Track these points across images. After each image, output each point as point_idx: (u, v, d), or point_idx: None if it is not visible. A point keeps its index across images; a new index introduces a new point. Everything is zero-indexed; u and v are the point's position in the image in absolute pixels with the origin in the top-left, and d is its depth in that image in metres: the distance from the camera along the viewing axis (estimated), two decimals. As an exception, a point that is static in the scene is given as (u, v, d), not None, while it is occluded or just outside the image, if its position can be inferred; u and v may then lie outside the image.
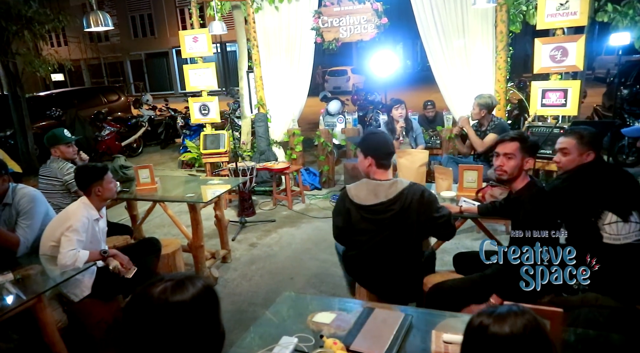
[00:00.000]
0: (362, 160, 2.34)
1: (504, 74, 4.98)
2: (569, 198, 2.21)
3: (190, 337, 0.95)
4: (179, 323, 0.94)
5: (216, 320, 1.01)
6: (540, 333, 0.99)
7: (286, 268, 3.95)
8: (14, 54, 7.89)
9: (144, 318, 0.95)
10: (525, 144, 2.15)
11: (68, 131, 3.56)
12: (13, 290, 2.15)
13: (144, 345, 0.95)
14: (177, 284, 0.97)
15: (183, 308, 0.95)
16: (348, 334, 1.60)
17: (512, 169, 2.14)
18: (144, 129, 9.72)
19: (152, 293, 0.95)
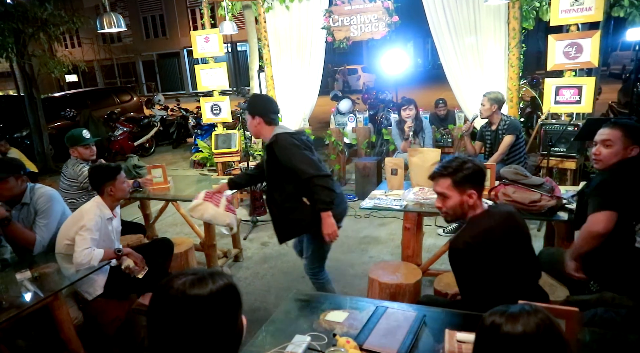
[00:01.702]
0: (251, 121, 2.62)
1: (517, 72, 4.92)
2: (625, 188, 2.07)
3: (205, 333, 0.96)
4: (193, 317, 0.95)
5: (234, 318, 1.01)
6: (554, 332, 0.98)
7: (298, 266, 3.95)
8: (30, 55, 8.03)
9: (161, 308, 0.98)
10: (457, 178, 1.83)
11: (87, 132, 3.61)
12: (31, 287, 2.20)
13: (161, 336, 0.97)
14: (198, 279, 0.98)
15: (199, 303, 0.96)
16: (361, 333, 1.60)
17: (452, 208, 1.87)
18: (156, 129, 9.81)
19: (172, 285, 0.97)
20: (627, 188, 2.06)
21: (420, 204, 2.96)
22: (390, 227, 4.65)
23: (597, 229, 2.02)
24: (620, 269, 2.08)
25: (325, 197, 2.44)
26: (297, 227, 2.66)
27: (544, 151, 4.45)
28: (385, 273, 2.71)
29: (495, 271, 1.71)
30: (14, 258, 2.70)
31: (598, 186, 2.13)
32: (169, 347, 0.96)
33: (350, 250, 4.22)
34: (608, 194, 2.06)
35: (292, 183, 2.54)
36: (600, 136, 2.21)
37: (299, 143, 2.52)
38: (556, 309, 1.29)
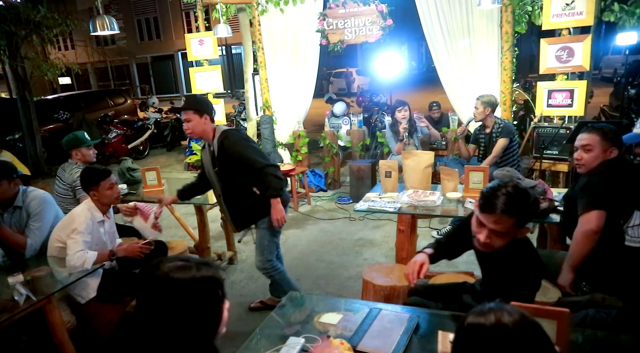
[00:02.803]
0: (199, 120, 2.74)
1: (510, 75, 4.96)
2: (611, 188, 2.11)
3: (182, 316, 1.02)
4: (172, 299, 1.02)
5: (212, 309, 1.07)
6: (531, 324, 0.98)
7: (292, 269, 3.95)
8: (23, 58, 7.99)
9: (146, 286, 1.06)
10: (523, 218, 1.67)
11: (87, 135, 3.62)
12: (23, 291, 2.18)
13: (143, 313, 1.05)
14: (185, 265, 1.05)
15: (179, 286, 1.02)
16: (355, 335, 1.61)
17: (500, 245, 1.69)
18: (150, 132, 9.78)
19: (160, 267, 1.05)
20: (612, 188, 2.10)
21: (414, 207, 2.97)
22: (384, 229, 4.66)
23: (590, 227, 2.06)
24: (611, 268, 2.11)
25: (276, 184, 2.70)
26: (252, 214, 2.87)
27: (536, 154, 4.48)
28: (379, 275, 2.71)
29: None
30: (6, 261, 2.68)
31: (584, 187, 2.17)
32: (149, 325, 1.04)
33: (345, 252, 4.23)
34: (595, 193, 2.11)
35: (242, 175, 2.76)
36: (580, 141, 2.28)
37: (246, 137, 2.87)
38: (547, 310, 1.30)
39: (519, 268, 1.68)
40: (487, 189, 1.68)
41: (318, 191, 6.11)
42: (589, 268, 2.16)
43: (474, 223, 1.72)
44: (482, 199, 1.66)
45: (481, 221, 1.66)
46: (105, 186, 2.70)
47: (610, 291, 1.98)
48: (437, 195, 3.03)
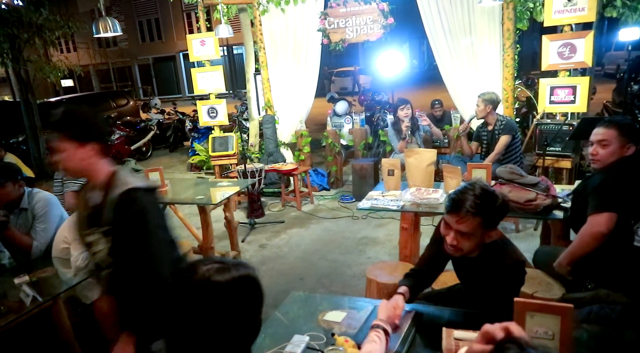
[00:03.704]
0: (77, 152, 1.59)
1: (512, 72, 4.95)
2: (623, 189, 2.08)
3: (223, 320, 0.98)
4: (215, 303, 0.98)
5: (252, 310, 1.04)
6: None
7: (296, 268, 3.97)
8: (26, 60, 8.02)
9: (184, 292, 1.00)
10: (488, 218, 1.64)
11: None
12: (30, 292, 2.19)
13: (181, 322, 1.00)
14: (223, 267, 1.01)
15: (219, 289, 0.98)
16: (359, 332, 1.61)
17: (469, 247, 1.68)
18: (152, 133, 9.81)
19: (197, 270, 1.00)
20: (626, 188, 2.07)
21: (417, 205, 2.97)
22: (388, 228, 4.66)
23: (600, 230, 2.04)
24: (619, 268, 2.09)
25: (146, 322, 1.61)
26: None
27: (539, 151, 4.48)
28: (382, 273, 2.71)
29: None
30: (12, 263, 2.69)
31: (598, 186, 2.13)
32: (187, 331, 0.99)
33: (348, 250, 4.23)
34: (607, 195, 2.08)
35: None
36: (596, 136, 2.21)
37: (161, 215, 1.73)
38: (551, 306, 1.30)
39: (495, 273, 1.67)
40: (454, 191, 1.68)
41: (321, 190, 6.12)
42: (595, 267, 2.16)
43: (442, 226, 1.72)
44: (449, 200, 1.66)
45: (447, 222, 1.66)
46: None
47: (615, 288, 1.97)
48: (439, 193, 3.03)
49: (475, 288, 1.87)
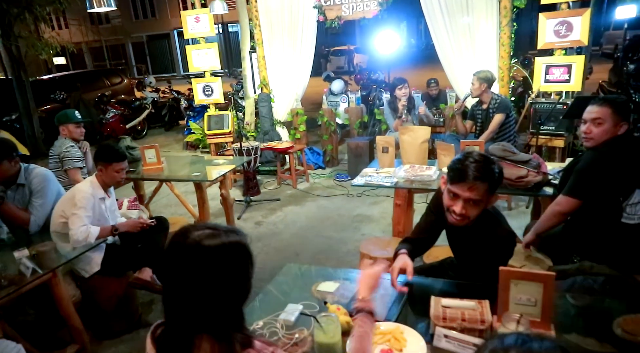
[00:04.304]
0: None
1: (508, 51, 4.93)
2: (602, 176, 2.11)
3: (213, 282, 1.04)
4: (204, 266, 1.03)
5: (242, 273, 1.09)
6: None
7: (292, 245, 4.04)
8: (17, 37, 7.89)
9: (176, 255, 1.06)
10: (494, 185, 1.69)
11: (79, 114, 3.67)
12: (29, 264, 2.24)
13: (173, 281, 1.06)
14: (214, 232, 1.06)
15: (209, 253, 1.03)
16: (351, 301, 1.67)
17: (476, 215, 1.70)
18: (147, 112, 9.75)
19: (190, 234, 1.05)
20: (605, 176, 2.09)
21: (410, 181, 3.01)
22: (382, 205, 4.72)
23: (560, 210, 2.19)
24: (605, 243, 2.15)
25: None
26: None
27: (533, 130, 4.51)
28: (376, 248, 2.78)
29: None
30: (11, 238, 2.73)
31: (579, 170, 2.17)
32: (181, 293, 1.05)
33: (344, 228, 4.30)
34: (581, 182, 2.15)
35: None
36: (590, 114, 2.20)
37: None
38: (534, 274, 1.36)
39: (488, 242, 1.72)
40: (454, 161, 1.71)
41: (316, 168, 6.15)
42: (583, 243, 2.22)
43: (446, 198, 1.73)
44: (452, 171, 1.68)
45: (454, 192, 1.67)
46: (115, 168, 2.75)
47: (600, 261, 2.04)
48: (433, 170, 3.07)
49: (467, 258, 1.92)
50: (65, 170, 3.44)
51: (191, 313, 1.06)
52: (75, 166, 3.46)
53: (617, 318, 1.46)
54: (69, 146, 3.50)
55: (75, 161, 3.47)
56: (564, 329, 1.46)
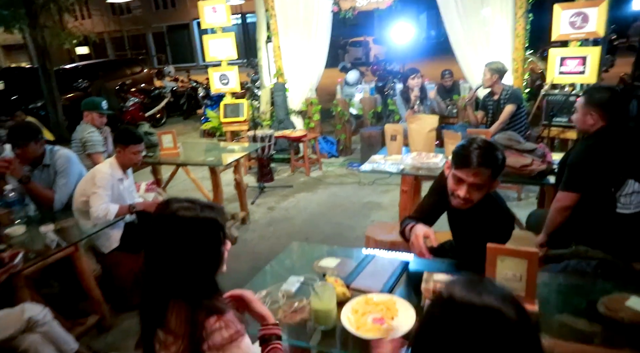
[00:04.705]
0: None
1: (523, 42, 4.92)
2: (593, 167, 2.16)
3: (186, 250, 1.18)
4: (176, 235, 1.17)
5: (212, 247, 1.22)
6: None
7: (302, 229, 4.15)
8: (42, 27, 8.14)
9: (155, 223, 1.21)
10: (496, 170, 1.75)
11: (106, 104, 3.83)
12: (54, 237, 2.40)
13: (152, 249, 1.21)
14: (190, 206, 1.21)
15: (183, 223, 1.18)
16: (349, 275, 1.77)
17: (479, 198, 1.76)
18: (166, 100, 9.96)
19: (169, 206, 1.21)
20: (594, 167, 2.13)
21: (417, 168, 3.09)
22: (392, 194, 4.79)
23: (563, 205, 2.23)
24: (602, 232, 2.18)
25: None
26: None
27: (545, 121, 4.51)
28: (382, 232, 2.87)
29: None
30: (38, 215, 2.90)
31: (570, 165, 2.23)
32: (157, 258, 1.19)
33: (354, 214, 4.39)
34: (574, 175, 2.20)
35: None
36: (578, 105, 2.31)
37: None
38: (519, 251, 1.44)
39: (489, 223, 1.79)
40: (459, 147, 1.77)
41: (330, 157, 6.25)
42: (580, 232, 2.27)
43: (450, 182, 1.79)
44: (457, 156, 1.75)
45: (459, 177, 1.72)
46: (132, 150, 2.90)
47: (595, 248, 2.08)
48: (440, 157, 3.13)
49: (466, 239, 1.99)
50: (88, 154, 3.62)
51: (164, 277, 1.20)
52: (97, 151, 3.63)
53: (602, 298, 1.53)
54: (91, 131, 3.67)
55: (96, 146, 3.64)
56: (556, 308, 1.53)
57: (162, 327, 1.20)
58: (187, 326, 1.17)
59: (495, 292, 0.76)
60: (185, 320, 1.17)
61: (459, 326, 0.71)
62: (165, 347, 1.19)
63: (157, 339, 1.21)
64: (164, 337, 1.20)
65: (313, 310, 1.50)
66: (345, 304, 1.56)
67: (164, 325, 1.20)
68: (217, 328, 1.15)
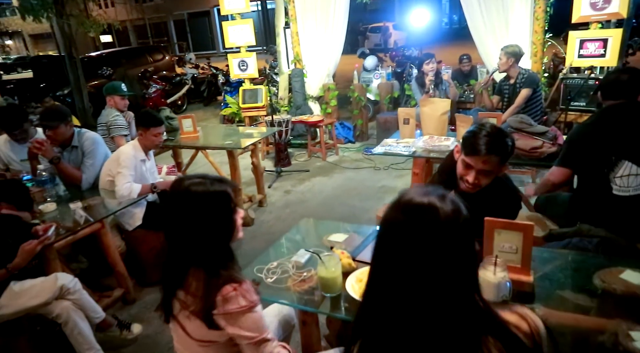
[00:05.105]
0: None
1: (542, 25, 4.85)
2: (585, 145, 2.18)
3: (198, 221, 1.30)
4: (191, 208, 1.30)
5: (224, 217, 1.34)
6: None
7: (317, 211, 4.26)
8: (68, 15, 8.37)
9: (170, 198, 1.34)
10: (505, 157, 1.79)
11: (125, 86, 4.00)
12: (83, 213, 2.57)
13: (171, 222, 1.34)
14: (201, 181, 1.33)
15: (195, 197, 1.30)
16: (355, 249, 1.87)
17: (487, 183, 1.81)
18: (187, 87, 10.15)
19: (182, 183, 1.33)
20: (589, 144, 2.15)
21: (428, 151, 3.14)
22: (407, 178, 4.84)
23: (552, 180, 2.32)
24: (603, 214, 2.19)
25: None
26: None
27: (563, 106, 4.47)
28: (392, 213, 2.94)
29: None
30: (67, 194, 3.09)
31: (566, 141, 2.31)
32: (175, 230, 1.32)
33: (368, 198, 4.48)
34: (567, 151, 2.26)
35: None
36: None
37: None
38: (514, 223, 1.51)
39: (496, 202, 1.83)
40: (468, 133, 1.81)
41: (346, 142, 6.32)
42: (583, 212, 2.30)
43: (459, 167, 1.83)
44: (466, 143, 1.79)
45: (468, 163, 1.76)
46: (153, 133, 3.04)
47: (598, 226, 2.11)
48: (451, 140, 3.18)
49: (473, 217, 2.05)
50: (112, 137, 3.79)
51: (183, 247, 1.33)
52: (120, 134, 3.80)
53: (597, 271, 1.59)
54: (115, 115, 3.84)
55: (120, 129, 3.81)
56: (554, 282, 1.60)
57: (182, 288, 1.33)
58: (204, 289, 1.29)
59: (437, 193, 0.90)
60: (203, 284, 1.29)
61: (406, 221, 0.87)
62: (184, 306, 1.32)
63: (178, 299, 1.34)
64: (184, 297, 1.33)
65: (319, 277, 1.61)
66: (351, 274, 1.66)
67: (184, 287, 1.32)
68: (233, 296, 1.27)
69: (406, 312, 0.86)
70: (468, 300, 0.86)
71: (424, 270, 0.85)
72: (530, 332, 0.87)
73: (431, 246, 0.84)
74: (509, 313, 0.90)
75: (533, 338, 0.87)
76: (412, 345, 0.86)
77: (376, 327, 0.90)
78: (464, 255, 0.87)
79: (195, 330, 1.33)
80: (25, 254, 2.16)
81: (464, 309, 0.85)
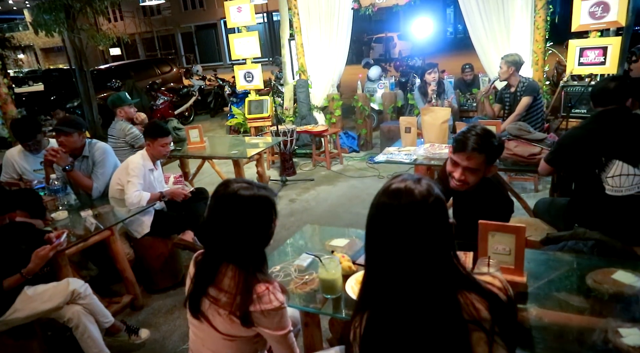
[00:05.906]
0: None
1: (543, 34, 4.92)
2: (573, 146, 2.29)
3: (243, 224, 1.36)
4: (238, 210, 1.36)
5: (266, 221, 1.41)
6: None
7: (322, 219, 4.32)
8: (79, 29, 8.59)
9: (218, 200, 1.39)
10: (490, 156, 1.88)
11: (129, 95, 4.12)
12: (93, 221, 2.66)
13: (214, 221, 1.39)
14: (249, 186, 1.39)
15: (242, 201, 1.36)
16: (355, 253, 1.93)
17: (474, 181, 1.91)
18: (194, 98, 10.31)
19: (229, 186, 1.39)
20: (573, 146, 2.28)
21: (429, 159, 3.20)
22: (410, 186, 4.89)
23: (540, 171, 2.57)
24: (597, 215, 2.25)
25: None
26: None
27: (564, 113, 4.52)
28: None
29: None
30: (78, 203, 3.18)
31: (558, 141, 2.45)
32: (218, 230, 1.38)
33: (371, 206, 4.52)
34: (555, 151, 2.42)
35: None
36: None
37: None
38: (507, 226, 1.56)
39: (488, 206, 1.91)
40: (458, 133, 1.92)
41: (351, 152, 6.39)
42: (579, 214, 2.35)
43: (448, 164, 1.95)
44: (455, 141, 1.90)
45: (455, 160, 1.88)
46: (160, 143, 3.13)
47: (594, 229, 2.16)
48: (451, 148, 3.23)
49: (467, 221, 2.11)
50: (139, 146, 3.82)
51: (223, 245, 1.39)
52: (143, 142, 3.87)
53: (590, 272, 1.64)
54: (130, 128, 3.94)
55: (141, 138, 3.89)
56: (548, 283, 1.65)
57: (213, 284, 1.39)
58: (241, 287, 1.35)
59: (413, 179, 1.07)
60: (238, 283, 1.36)
61: (390, 202, 1.04)
62: (215, 301, 1.38)
63: (208, 296, 1.39)
64: (215, 293, 1.38)
65: (320, 279, 1.67)
66: (350, 276, 1.72)
67: (215, 283, 1.39)
68: (266, 295, 1.33)
69: (398, 276, 1.04)
70: (446, 262, 1.04)
71: (408, 239, 1.02)
72: (503, 286, 1.07)
73: (411, 220, 1.02)
74: (483, 276, 1.11)
75: (506, 292, 1.06)
76: (406, 304, 1.04)
77: (377, 294, 1.08)
78: (439, 225, 1.04)
79: (224, 325, 1.37)
80: (39, 259, 2.24)
81: (443, 268, 1.03)
